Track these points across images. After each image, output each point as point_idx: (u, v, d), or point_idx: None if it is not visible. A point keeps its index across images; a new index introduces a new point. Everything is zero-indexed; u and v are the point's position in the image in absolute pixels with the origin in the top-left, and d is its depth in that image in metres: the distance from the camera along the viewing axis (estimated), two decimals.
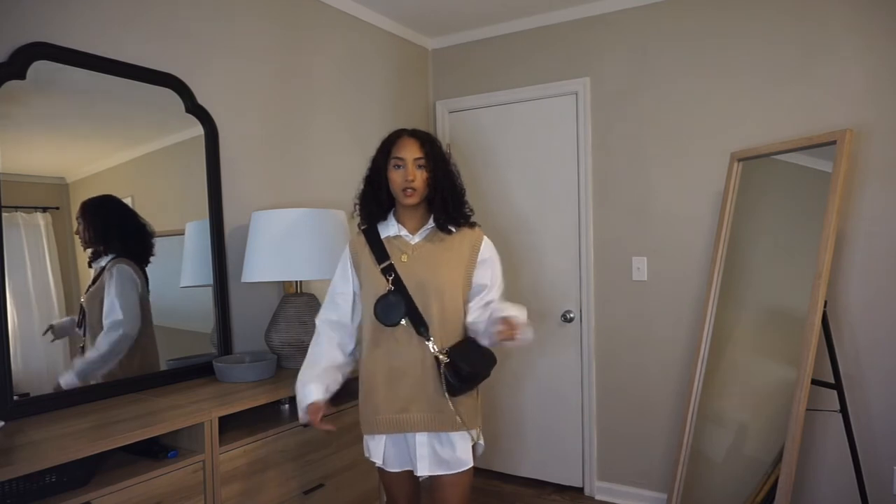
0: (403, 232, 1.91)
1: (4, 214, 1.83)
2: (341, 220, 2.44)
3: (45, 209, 1.95)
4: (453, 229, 1.92)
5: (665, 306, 3.08)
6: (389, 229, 1.93)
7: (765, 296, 2.72)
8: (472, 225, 1.96)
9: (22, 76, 1.87)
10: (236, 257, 2.49)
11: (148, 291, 2.21)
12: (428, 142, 1.92)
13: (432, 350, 1.82)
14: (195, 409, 1.86)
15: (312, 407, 1.84)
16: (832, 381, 2.37)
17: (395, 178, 1.87)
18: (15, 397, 1.82)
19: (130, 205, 2.19)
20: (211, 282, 2.42)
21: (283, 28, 2.78)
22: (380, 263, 1.87)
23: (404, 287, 1.85)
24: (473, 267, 1.92)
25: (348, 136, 3.14)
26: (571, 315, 3.32)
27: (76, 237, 2.03)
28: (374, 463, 1.94)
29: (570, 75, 3.28)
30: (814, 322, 2.27)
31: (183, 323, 2.38)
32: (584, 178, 3.26)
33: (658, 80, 3.06)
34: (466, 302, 1.92)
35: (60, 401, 1.91)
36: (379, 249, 1.89)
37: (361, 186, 1.98)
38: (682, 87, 3.00)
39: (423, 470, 1.86)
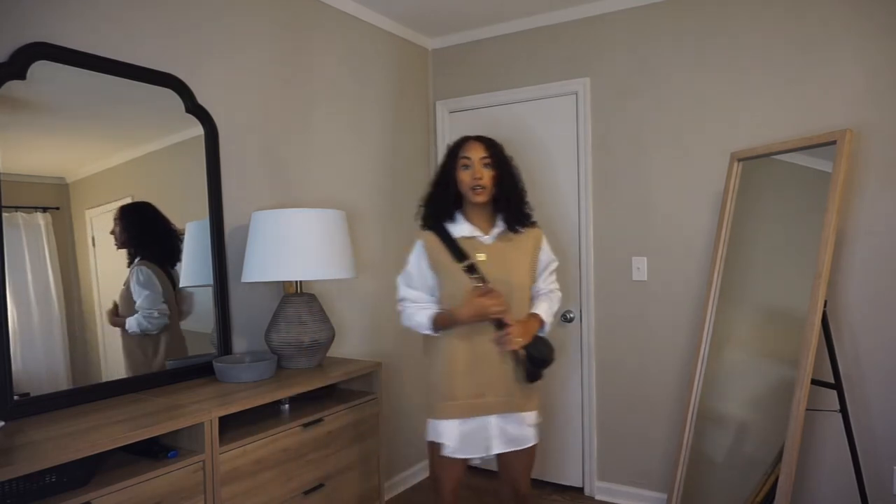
0: (477, 233, 2.11)
1: (4, 214, 1.83)
2: (341, 220, 2.44)
3: (45, 209, 1.95)
4: (521, 230, 2.14)
5: (665, 306, 3.08)
6: (462, 230, 2.11)
7: (765, 296, 2.72)
8: (534, 224, 2.20)
9: (22, 76, 1.87)
10: (236, 257, 2.49)
11: (175, 292, 2.32)
12: (492, 144, 2.14)
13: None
14: (195, 409, 1.86)
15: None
16: (832, 381, 2.37)
17: (464, 177, 2.08)
18: (15, 397, 1.82)
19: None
20: (211, 282, 2.42)
21: (284, 28, 2.79)
22: (459, 261, 2.06)
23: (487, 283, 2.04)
24: (537, 261, 2.20)
25: (348, 136, 3.14)
26: (571, 315, 3.32)
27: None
28: (440, 446, 2.06)
29: (570, 75, 3.28)
30: (814, 322, 2.27)
31: (183, 323, 2.38)
32: (584, 178, 3.26)
33: (658, 80, 3.06)
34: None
35: (60, 401, 1.91)
36: (455, 248, 2.08)
37: (429, 190, 2.19)
38: (682, 87, 3.00)
39: (498, 448, 2.07)
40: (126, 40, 2.16)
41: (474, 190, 2.07)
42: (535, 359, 2.05)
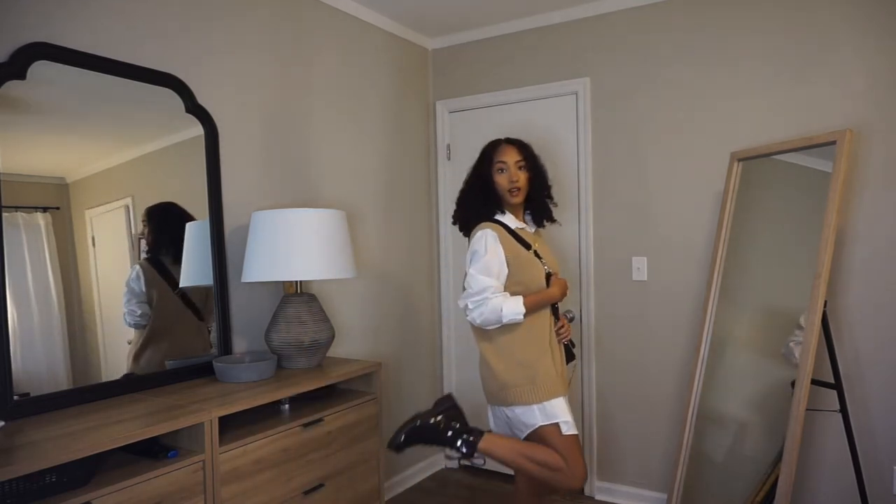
0: (522, 225, 2.26)
1: (4, 214, 1.83)
2: (341, 220, 2.44)
3: (45, 209, 1.95)
4: (546, 224, 2.35)
5: (665, 306, 3.08)
6: (511, 222, 2.24)
7: (765, 296, 2.72)
8: (554, 220, 2.39)
9: (22, 76, 1.87)
10: (236, 257, 2.49)
11: (171, 290, 2.32)
12: (524, 146, 2.28)
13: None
14: (195, 409, 1.86)
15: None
16: (832, 381, 2.37)
17: (501, 180, 2.22)
18: (15, 397, 1.82)
19: (130, 204, 2.20)
20: (211, 282, 2.42)
21: (284, 28, 2.79)
22: (528, 249, 2.19)
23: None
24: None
25: (348, 136, 3.14)
26: (571, 315, 3.31)
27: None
28: (566, 424, 2.13)
29: (570, 75, 3.28)
30: (814, 322, 2.27)
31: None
32: (584, 178, 3.26)
33: (658, 80, 3.06)
34: None
35: (60, 401, 1.91)
36: (519, 237, 2.20)
37: (465, 192, 2.30)
38: (682, 87, 3.00)
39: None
40: (126, 40, 2.16)
41: (511, 192, 2.21)
42: (572, 343, 2.39)
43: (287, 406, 2.28)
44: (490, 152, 2.27)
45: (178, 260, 2.32)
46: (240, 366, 2.23)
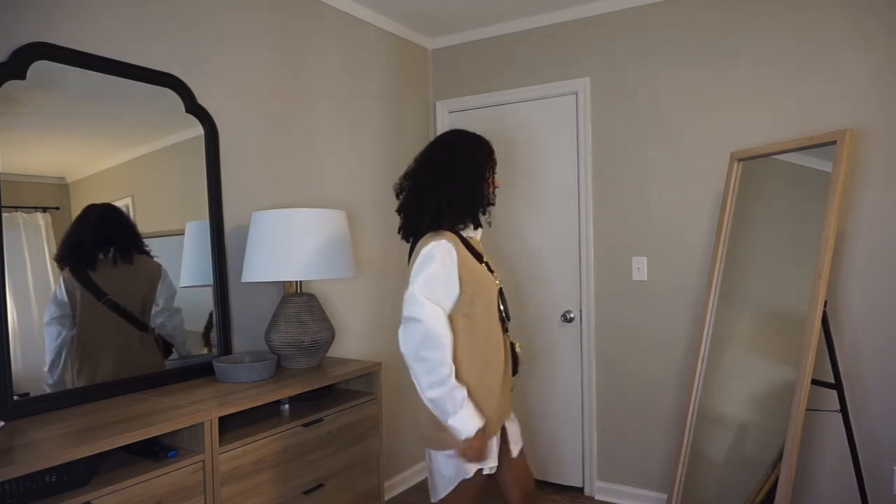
0: (472, 233, 1.98)
1: (4, 214, 1.83)
2: (341, 220, 2.44)
3: (45, 209, 1.95)
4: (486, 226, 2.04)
5: (665, 306, 3.08)
6: (465, 229, 1.96)
7: (765, 296, 2.72)
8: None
9: (22, 76, 1.87)
10: (236, 257, 2.49)
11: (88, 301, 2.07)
12: None
13: (510, 339, 2.01)
14: (195, 409, 1.86)
15: (480, 434, 1.79)
16: (832, 381, 2.37)
17: (493, 183, 1.98)
18: (15, 397, 1.82)
19: (130, 205, 2.19)
20: (211, 282, 2.42)
21: (284, 28, 2.78)
22: (479, 261, 1.94)
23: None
24: None
25: (348, 136, 3.14)
26: (571, 315, 3.32)
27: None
28: (485, 471, 1.89)
29: (570, 75, 3.28)
30: (814, 322, 2.27)
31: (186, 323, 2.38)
32: (584, 178, 3.26)
33: (658, 80, 3.06)
34: None
35: (60, 401, 1.91)
36: (472, 248, 1.93)
37: (459, 190, 1.90)
38: (682, 87, 3.00)
39: (517, 450, 2.06)
40: (126, 40, 2.16)
41: (494, 194, 1.99)
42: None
43: (287, 406, 2.28)
44: (491, 152, 1.99)
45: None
46: (240, 366, 2.23)
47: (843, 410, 2.36)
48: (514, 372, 2.04)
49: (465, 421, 1.77)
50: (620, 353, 3.21)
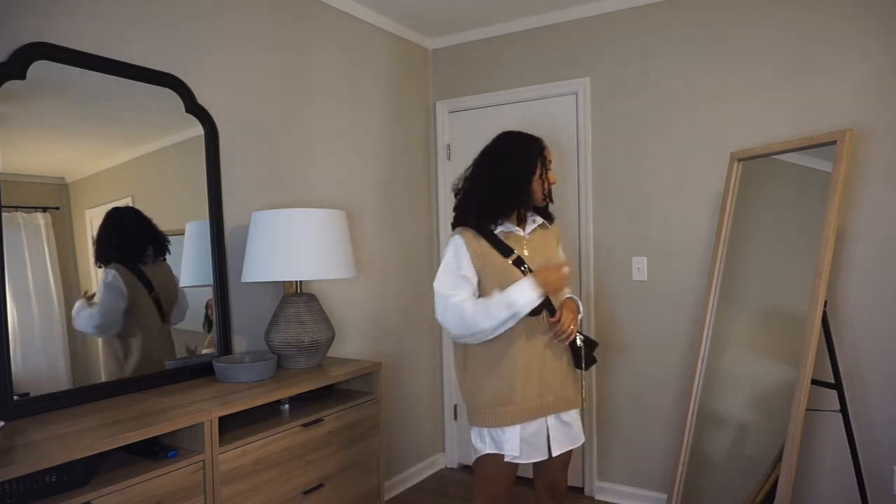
0: (514, 227, 2.04)
1: (4, 214, 1.83)
2: (341, 220, 2.44)
3: (45, 209, 1.95)
4: (549, 225, 2.15)
5: (665, 306, 3.08)
6: (501, 225, 2.03)
7: (765, 296, 2.72)
8: (553, 219, 2.19)
9: (22, 76, 1.87)
10: (236, 257, 2.49)
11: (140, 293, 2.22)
12: None
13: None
14: (195, 409, 1.86)
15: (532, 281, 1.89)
16: (832, 381, 2.37)
17: (545, 181, 2.03)
18: (15, 397, 1.82)
19: (131, 204, 2.20)
20: (211, 282, 2.42)
21: (284, 28, 2.79)
22: (506, 256, 1.98)
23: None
24: (559, 254, 2.19)
25: (348, 136, 3.14)
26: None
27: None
28: (503, 456, 1.97)
29: (570, 75, 3.28)
30: (814, 322, 2.27)
31: (183, 323, 2.38)
32: (584, 178, 3.26)
33: (658, 80, 3.06)
34: None
35: (60, 401, 1.91)
36: (499, 243, 1.99)
37: (505, 191, 1.99)
38: (682, 87, 3.00)
39: (558, 450, 2.03)
40: (126, 40, 2.16)
41: (546, 195, 2.04)
42: (591, 341, 2.10)
43: (287, 406, 2.28)
44: (543, 150, 2.04)
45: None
46: (240, 366, 2.23)
47: (843, 410, 2.36)
48: (578, 365, 2.07)
49: (514, 293, 1.87)
50: (620, 353, 3.21)
